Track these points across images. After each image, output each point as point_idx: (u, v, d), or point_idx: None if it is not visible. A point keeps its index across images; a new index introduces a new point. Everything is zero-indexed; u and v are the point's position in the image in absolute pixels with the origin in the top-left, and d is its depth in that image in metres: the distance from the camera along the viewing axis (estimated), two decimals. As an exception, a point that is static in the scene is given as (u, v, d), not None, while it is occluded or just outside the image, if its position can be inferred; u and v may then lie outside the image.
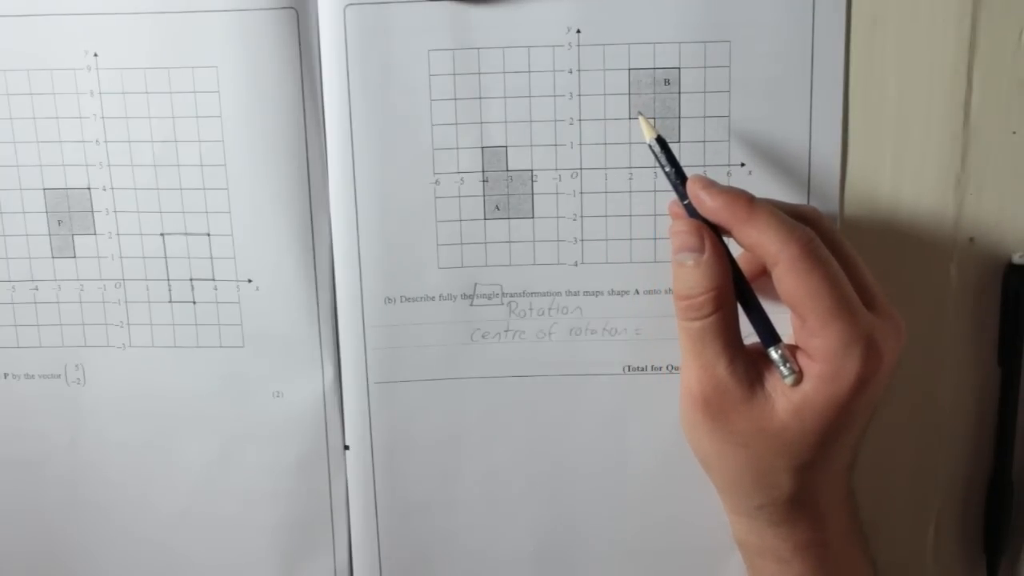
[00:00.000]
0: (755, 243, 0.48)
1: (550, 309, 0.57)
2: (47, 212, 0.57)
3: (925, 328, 0.56)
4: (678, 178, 0.51)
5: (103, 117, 0.55)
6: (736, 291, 0.50)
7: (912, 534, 0.60)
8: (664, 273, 0.55)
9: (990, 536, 0.59)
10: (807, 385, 0.48)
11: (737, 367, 0.49)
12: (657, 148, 0.52)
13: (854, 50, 0.54)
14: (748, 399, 0.49)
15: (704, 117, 0.55)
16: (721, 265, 0.49)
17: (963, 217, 0.56)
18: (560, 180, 0.56)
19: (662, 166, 0.52)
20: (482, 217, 0.56)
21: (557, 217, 0.56)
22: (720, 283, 0.49)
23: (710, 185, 0.50)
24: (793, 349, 0.49)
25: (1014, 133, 0.54)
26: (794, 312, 0.48)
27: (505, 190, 0.56)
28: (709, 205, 0.49)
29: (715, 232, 0.50)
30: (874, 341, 0.47)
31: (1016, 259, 0.56)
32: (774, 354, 0.49)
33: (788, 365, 0.48)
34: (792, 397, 0.48)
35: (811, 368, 0.48)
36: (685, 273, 0.49)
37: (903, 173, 0.55)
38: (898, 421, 0.58)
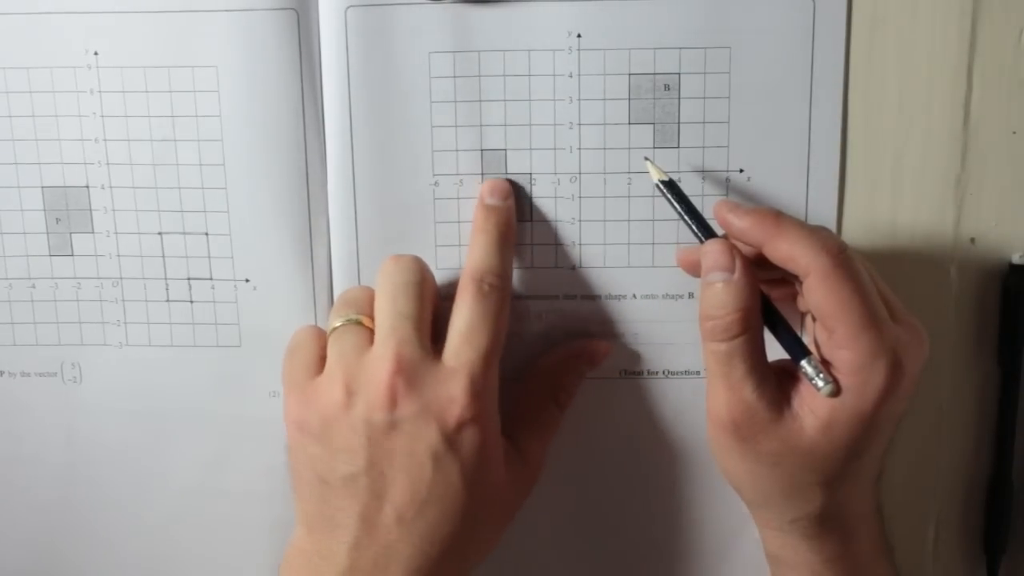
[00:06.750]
0: (786, 256, 0.48)
1: (547, 312, 0.57)
2: (45, 210, 0.57)
3: (925, 328, 0.56)
4: (691, 217, 0.51)
5: (102, 115, 0.55)
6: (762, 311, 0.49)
7: (912, 534, 0.60)
8: (661, 277, 0.56)
9: (990, 536, 0.59)
10: (834, 399, 0.47)
11: (765, 390, 0.48)
12: (667, 192, 0.52)
13: (854, 50, 0.54)
14: (777, 420, 0.48)
15: (703, 123, 0.55)
16: (751, 286, 0.48)
17: (963, 217, 0.56)
18: (559, 184, 0.56)
19: (674, 206, 0.52)
20: (481, 219, 0.56)
21: (555, 221, 0.56)
22: (749, 304, 0.48)
23: (736, 207, 0.50)
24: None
25: (1014, 133, 0.55)
26: (822, 323, 0.48)
27: (504, 193, 0.56)
28: (738, 225, 0.49)
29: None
30: (898, 353, 0.47)
31: (1016, 259, 0.56)
32: (808, 367, 0.48)
33: (822, 376, 0.47)
34: (820, 413, 0.47)
35: (838, 381, 0.47)
36: (714, 293, 0.49)
37: (903, 173, 0.55)
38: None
